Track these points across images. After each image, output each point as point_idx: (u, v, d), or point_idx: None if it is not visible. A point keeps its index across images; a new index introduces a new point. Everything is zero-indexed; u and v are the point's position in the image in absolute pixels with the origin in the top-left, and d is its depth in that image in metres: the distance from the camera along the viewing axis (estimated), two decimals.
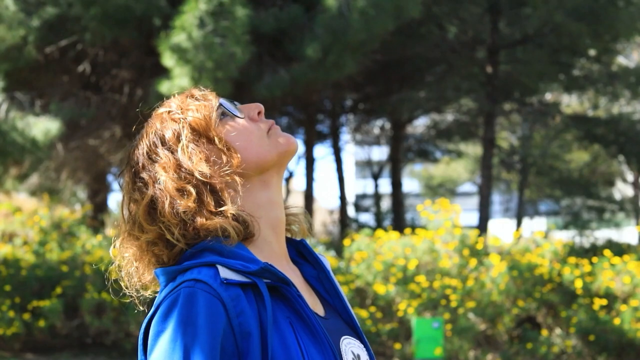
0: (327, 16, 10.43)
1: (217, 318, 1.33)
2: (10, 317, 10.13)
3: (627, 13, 13.37)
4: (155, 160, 1.50)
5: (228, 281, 1.36)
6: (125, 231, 1.53)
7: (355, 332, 1.55)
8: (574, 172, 20.37)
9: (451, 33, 15.37)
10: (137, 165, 1.52)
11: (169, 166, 1.48)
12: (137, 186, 1.50)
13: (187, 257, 1.43)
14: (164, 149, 1.51)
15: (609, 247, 12.43)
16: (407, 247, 10.23)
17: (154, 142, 1.52)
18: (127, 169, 1.55)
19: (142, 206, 1.47)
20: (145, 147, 1.52)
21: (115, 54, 12.52)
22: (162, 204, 1.45)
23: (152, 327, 1.37)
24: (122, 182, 1.57)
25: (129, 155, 1.56)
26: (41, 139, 10.61)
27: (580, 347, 9.62)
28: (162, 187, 1.46)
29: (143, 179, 1.50)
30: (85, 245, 11.27)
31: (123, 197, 1.56)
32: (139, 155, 1.53)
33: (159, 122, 1.55)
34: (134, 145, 1.57)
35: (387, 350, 9.93)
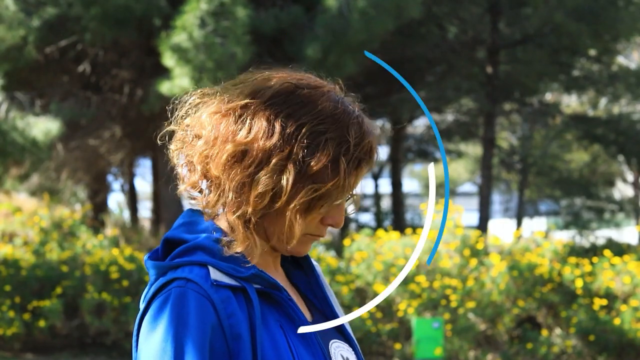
0: (327, 16, 10.43)
1: (207, 318, 1.33)
2: (10, 317, 10.13)
3: (627, 13, 13.38)
4: (292, 138, 1.37)
5: (218, 283, 1.36)
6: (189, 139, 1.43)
7: (344, 335, 1.54)
8: (574, 172, 20.38)
9: (451, 33, 15.37)
10: (288, 117, 1.37)
11: (290, 167, 1.36)
12: (270, 126, 1.36)
13: (178, 254, 1.42)
14: (302, 149, 1.37)
15: (609, 247, 12.43)
16: (408, 247, 10.23)
17: (312, 133, 1.37)
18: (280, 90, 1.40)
19: (242, 138, 1.36)
20: (308, 120, 1.37)
21: (115, 54, 12.52)
22: (248, 161, 1.36)
23: (144, 326, 1.37)
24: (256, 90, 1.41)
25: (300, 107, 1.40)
26: (41, 139, 10.61)
27: (580, 347, 9.63)
28: (272, 168, 1.35)
29: (274, 127, 1.37)
30: (85, 245, 11.27)
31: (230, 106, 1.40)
32: (296, 114, 1.38)
33: (332, 132, 1.39)
34: (314, 90, 1.43)
35: (387, 351, 9.93)
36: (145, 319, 1.38)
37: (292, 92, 1.41)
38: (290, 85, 1.42)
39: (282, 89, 1.42)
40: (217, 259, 1.39)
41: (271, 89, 1.42)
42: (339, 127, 1.41)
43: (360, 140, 1.42)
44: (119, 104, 12.87)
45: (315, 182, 1.38)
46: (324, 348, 1.43)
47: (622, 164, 20.78)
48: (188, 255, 1.41)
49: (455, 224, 10.34)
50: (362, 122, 1.45)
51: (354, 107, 1.46)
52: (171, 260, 1.42)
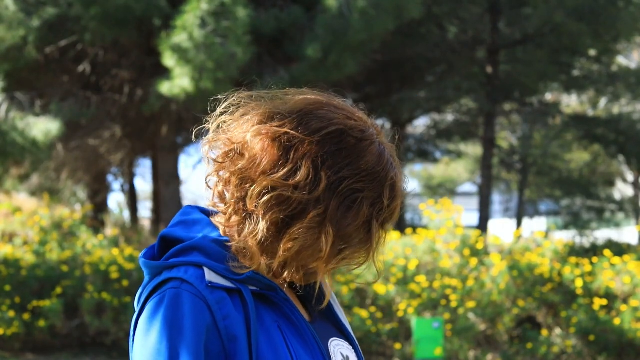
0: (327, 16, 10.43)
1: (202, 319, 1.32)
2: (10, 317, 10.13)
3: (627, 13, 13.38)
4: (341, 170, 1.35)
5: (213, 284, 1.35)
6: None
7: (344, 333, 1.54)
8: (574, 172, 20.37)
9: (451, 33, 15.37)
10: (348, 138, 1.36)
11: (330, 200, 1.34)
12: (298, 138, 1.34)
13: (174, 254, 1.41)
14: (348, 186, 1.35)
15: (609, 247, 12.43)
16: (408, 247, 10.23)
17: (365, 171, 1.37)
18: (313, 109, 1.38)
19: (289, 166, 1.33)
20: (372, 162, 1.37)
21: (115, 54, 12.52)
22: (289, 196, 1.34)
23: (139, 327, 1.37)
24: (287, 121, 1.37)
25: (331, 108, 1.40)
26: (41, 139, 10.61)
27: (580, 347, 9.62)
28: (315, 197, 1.33)
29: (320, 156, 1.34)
30: (85, 245, 11.28)
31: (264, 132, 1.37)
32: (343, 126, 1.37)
33: (378, 175, 1.39)
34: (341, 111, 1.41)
35: (387, 351, 9.93)
36: (141, 321, 1.37)
37: (340, 137, 1.38)
38: (339, 130, 1.38)
39: (331, 131, 1.38)
40: (213, 260, 1.39)
41: (319, 125, 1.38)
42: (377, 186, 1.39)
43: (392, 202, 1.42)
44: (119, 104, 12.87)
45: (347, 244, 1.39)
46: (322, 347, 1.42)
47: (622, 164, 20.78)
48: (184, 256, 1.40)
49: (455, 224, 10.34)
50: (396, 182, 1.43)
51: (394, 160, 1.44)
52: (166, 259, 1.41)
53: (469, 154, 23.90)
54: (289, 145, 1.35)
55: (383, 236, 1.44)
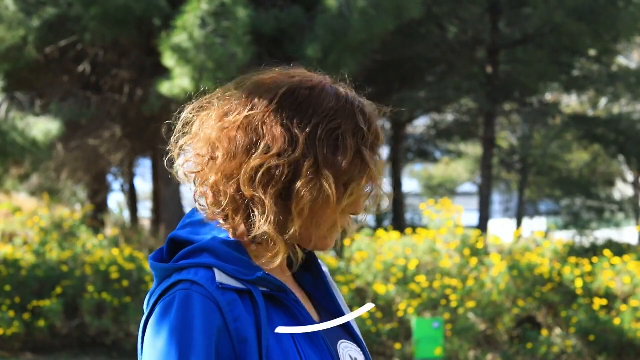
0: (327, 16, 10.43)
1: (213, 321, 1.31)
2: (10, 317, 10.13)
3: (627, 13, 13.38)
4: (314, 140, 1.36)
5: (224, 286, 1.34)
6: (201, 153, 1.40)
7: (352, 335, 1.53)
8: (574, 172, 20.37)
9: (451, 33, 15.37)
10: (304, 119, 1.37)
11: (323, 168, 1.35)
12: (286, 133, 1.36)
13: (184, 255, 1.40)
14: (327, 148, 1.36)
15: (609, 247, 12.43)
16: (408, 247, 10.23)
17: (329, 131, 1.37)
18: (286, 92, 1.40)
19: (271, 159, 1.34)
20: (321, 120, 1.37)
21: (115, 54, 12.53)
22: (279, 179, 1.35)
23: (148, 329, 1.36)
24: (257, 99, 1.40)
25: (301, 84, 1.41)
26: (41, 139, 10.62)
27: (580, 347, 9.63)
28: (305, 171, 1.34)
29: (293, 135, 1.36)
30: (85, 245, 11.28)
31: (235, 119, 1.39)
32: (314, 110, 1.38)
33: (346, 124, 1.39)
34: (319, 85, 1.43)
35: (387, 351, 9.93)
36: (150, 323, 1.36)
37: (293, 95, 1.40)
38: (289, 89, 1.41)
39: (283, 93, 1.40)
40: (223, 261, 1.38)
41: (270, 95, 1.40)
42: (348, 117, 1.41)
43: (370, 126, 1.44)
44: (119, 104, 12.87)
45: (349, 178, 1.38)
46: (332, 349, 1.42)
47: (622, 164, 20.78)
48: (193, 257, 1.39)
49: (455, 224, 10.35)
50: (364, 107, 1.45)
51: (351, 93, 1.47)
52: (176, 261, 1.40)
53: (469, 154, 23.90)
54: (254, 125, 1.38)
55: (379, 161, 1.43)
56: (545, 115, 17.29)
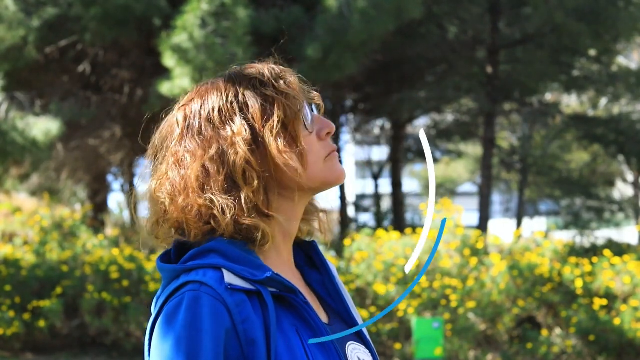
0: (327, 17, 10.44)
1: (221, 323, 1.30)
2: (10, 317, 10.13)
3: (627, 13, 13.38)
4: (225, 123, 1.41)
5: (232, 287, 1.33)
6: (158, 182, 1.43)
7: (360, 337, 1.52)
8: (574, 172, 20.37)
9: (451, 33, 15.37)
10: (199, 116, 1.42)
11: (243, 137, 1.39)
12: (197, 138, 1.40)
13: (191, 257, 1.39)
14: (241, 117, 1.41)
15: (609, 247, 12.43)
16: (408, 247, 10.24)
17: (232, 102, 1.42)
18: (182, 112, 1.44)
19: (197, 166, 1.38)
20: (220, 103, 1.42)
21: (115, 54, 12.53)
22: (215, 174, 1.37)
23: (156, 330, 1.34)
24: (167, 127, 1.45)
25: (188, 102, 1.45)
26: (41, 139, 10.62)
27: (580, 347, 9.63)
28: (231, 159, 1.38)
29: (203, 134, 1.40)
30: (85, 245, 11.28)
31: (164, 132, 1.45)
32: (206, 106, 1.42)
33: (244, 87, 1.44)
34: (198, 91, 1.46)
35: (387, 351, 9.94)
36: (158, 324, 1.34)
37: (203, 107, 1.45)
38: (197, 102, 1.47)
39: (187, 105, 1.47)
40: (231, 261, 1.37)
41: (197, 105, 1.47)
42: (243, 82, 1.46)
43: (264, 70, 1.47)
44: (119, 104, 12.88)
45: (292, 137, 1.41)
46: (340, 352, 1.40)
47: (622, 164, 20.78)
48: (201, 258, 1.38)
49: (456, 223, 10.35)
50: (252, 66, 1.50)
51: (245, 67, 1.53)
52: (184, 263, 1.39)
53: (469, 154, 23.90)
54: (190, 149, 1.42)
55: (290, 86, 1.46)
56: (545, 115, 17.29)
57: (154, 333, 1.35)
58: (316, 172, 1.44)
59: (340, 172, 1.47)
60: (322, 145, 1.46)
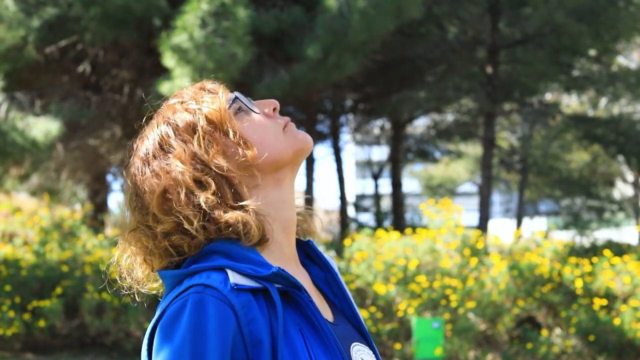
0: (327, 17, 10.43)
1: (228, 326, 1.28)
2: (10, 317, 10.13)
3: (627, 13, 13.38)
4: (168, 151, 1.46)
5: (238, 287, 1.32)
6: (135, 222, 1.47)
7: (364, 338, 1.51)
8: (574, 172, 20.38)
9: (451, 33, 15.37)
10: (147, 155, 1.48)
11: (184, 157, 1.43)
12: (148, 177, 1.46)
13: (194, 260, 1.38)
14: (177, 140, 1.46)
15: (609, 247, 12.43)
16: (408, 247, 10.23)
17: (166, 132, 1.48)
18: (136, 159, 1.50)
19: (156, 196, 1.42)
20: (157, 137, 1.48)
21: (115, 54, 12.53)
22: (176, 195, 1.41)
23: (158, 332, 1.32)
24: (129, 173, 1.52)
25: (137, 145, 1.52)
26: (41, 140, 10.61)
27: (580, 347, 9.63)
28: (179, 177, 1.41)
29: (154, 170, 1.45)
30: (85, 245, 11.28)
31: (130, 188, 1.51)
32: (149, 145, 1.49)
33: (171, 113, 1.51)
34: (142, 136, 1.53)
35: (387, 351, 9.94)
36: (159, 326, 1.32)
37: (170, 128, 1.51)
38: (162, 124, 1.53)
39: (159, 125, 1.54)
40: (235, 260, 1.36)
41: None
42: (165, 111, 1.53)
43: (181, 94, 1.54)
44: (119, 104, 12.87)
45: (195, 131, 1.46)
46: (343, 352, 1.39)
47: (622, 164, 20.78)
48: (204, 261, 1.37)
49: (456, 223, 10.35)
50: (169, 99, 1.57)
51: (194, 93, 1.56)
52: (186, 267, 1.38)
53: (469, 154, 23.91)
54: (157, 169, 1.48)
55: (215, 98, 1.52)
56: (545, 115, 17.29)
57: (155, 335, 1.33)
58: (282, 145, 1.47)
59: (303, 137, 1.50)
60: (273, 121, 1.50)
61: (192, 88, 1.55)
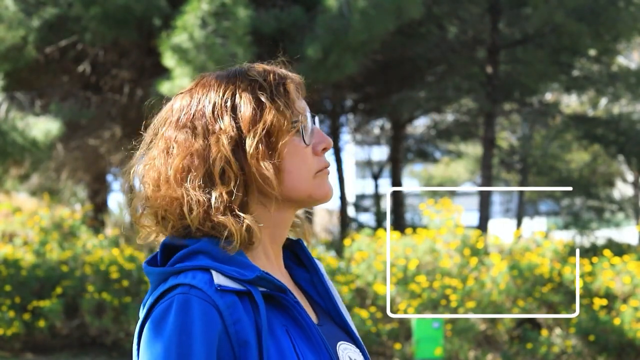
0: (327, 17, 10.43)
1: (213, 326, 1.29)
2: (10, 317, 10.13)
3: (627, 13, 13.39)
4: (216, 120, 1.40)
5: (222, 288, 1.31)
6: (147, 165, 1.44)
7: (350, 336, 1.51)
8: (574, 172, 20.38)
9: (451, 33, 15.38)
10: (194, 109, 1.43)
11: (229, 136, 1.39)
12: (187, 130, 1.41)
13: (179, 259, 1.37)
14: (231, 117, 1.40)
15: (609, 247, 12.44)
16: (408, 247, 10.23)
17: (226, 100, 1.42)
18: (180, 101, 1.46)
19: (180, 158, 1.38)
20: (215, 99, 1.42)
21: (115, 54, 12.53)
22: (197, 170, 1.38)
23: (146, 333, 1.32)
24: (164, 113, 1.48)
25: (188, 91, 1.47)
26: (41, 139, 10.61)
27: (580, 347, 9.63)
28: (215, 150, 1.37)
29: (195, 126, 1.41)
30: (85, 245, 11.28)
31: (155, 134, 1.47)
32: (203, 100, 1.43)
33: (242, 88, 1.43)
34: (201, 82, 1.47)
35: (387, 351, 9.93)
36: (146, 328, 1.32)
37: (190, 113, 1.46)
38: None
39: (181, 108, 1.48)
40: (219, 262, 1.35)
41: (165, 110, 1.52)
42: (241, 82, 1.44)
43: (266, 77, 1.46)
44: (119, 104, 12.87)
45: (254, 126, 1.39)
46: (331, 351, 1.39)
47: (622, 164, 20.79)
48: (189, 260, 1.36)
49: (456, 223, 10.34)
50: (254, 67, 1.48)
51: (244, 66, 1.51)
52: (172, 265, 1.37)
53: (469, 154, 23.91)
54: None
55: (289, 97, 1.47)
56: (545, 115, 17.30)
57: (142, 336, 1.33)
58: (304, 185, 1.43)
59: (327, 190, 1.46)
60: (316, 159, 1.45)
61: (276, 72, 1.49)
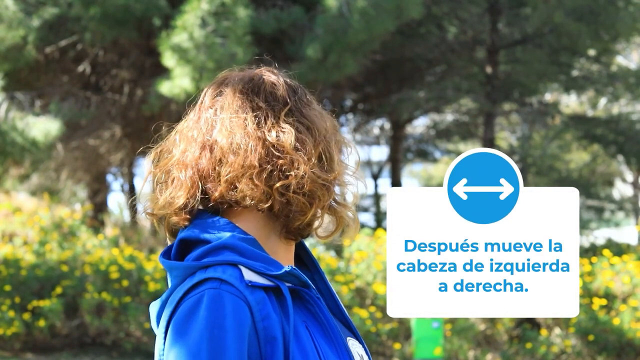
0: (327, 17, 10.44)
1: (245, 322, 1.28)
2: (10, 317, 10.13)
3: (627, 13, 13.39)
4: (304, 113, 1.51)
5: (253, 284, 1.31)
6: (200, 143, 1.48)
7: (354, 334, 1.53)
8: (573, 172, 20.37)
9: (451, 33, 15.38)
10: (291, 97, 1.53)
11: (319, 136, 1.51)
12: (279, 116, 1.48)
13: (204, 253, 1.36)
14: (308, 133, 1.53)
15: (608, 247, 12.43)
16: None
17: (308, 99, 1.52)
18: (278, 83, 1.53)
19: (257, 154, 1.41)
20: (302, 97, 1.54)
21: (115, 54, 12.53)
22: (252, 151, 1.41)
23: (173, 327, 1.30)
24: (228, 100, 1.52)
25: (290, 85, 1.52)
26: (41, 139, 10.62)
27: (579, 347, 9.63)
28: (304, 146, 1.43)
29: (282, 117, 1.49)
30: (85, 245, 11.28)
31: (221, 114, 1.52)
32: (298, 92, 1.52)
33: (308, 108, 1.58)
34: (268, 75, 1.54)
35: (387, 350, 9.94)
36: (174, 321, 1.31)
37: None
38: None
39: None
40: (248, 258, 1.35)
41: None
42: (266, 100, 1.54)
43: (294, 92, 1.58)
44: (119, 104, 12.88)
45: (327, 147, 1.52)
46: (347, 346, 1.40)
47: (621, 164, 20.80)
48: (215, 255, 1.35)
49: None
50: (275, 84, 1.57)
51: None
52: (196, 259, 1.36)
53: None
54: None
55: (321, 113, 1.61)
56: (545, 115, 17.29)
57: (169, 330, 1.31)
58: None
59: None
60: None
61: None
